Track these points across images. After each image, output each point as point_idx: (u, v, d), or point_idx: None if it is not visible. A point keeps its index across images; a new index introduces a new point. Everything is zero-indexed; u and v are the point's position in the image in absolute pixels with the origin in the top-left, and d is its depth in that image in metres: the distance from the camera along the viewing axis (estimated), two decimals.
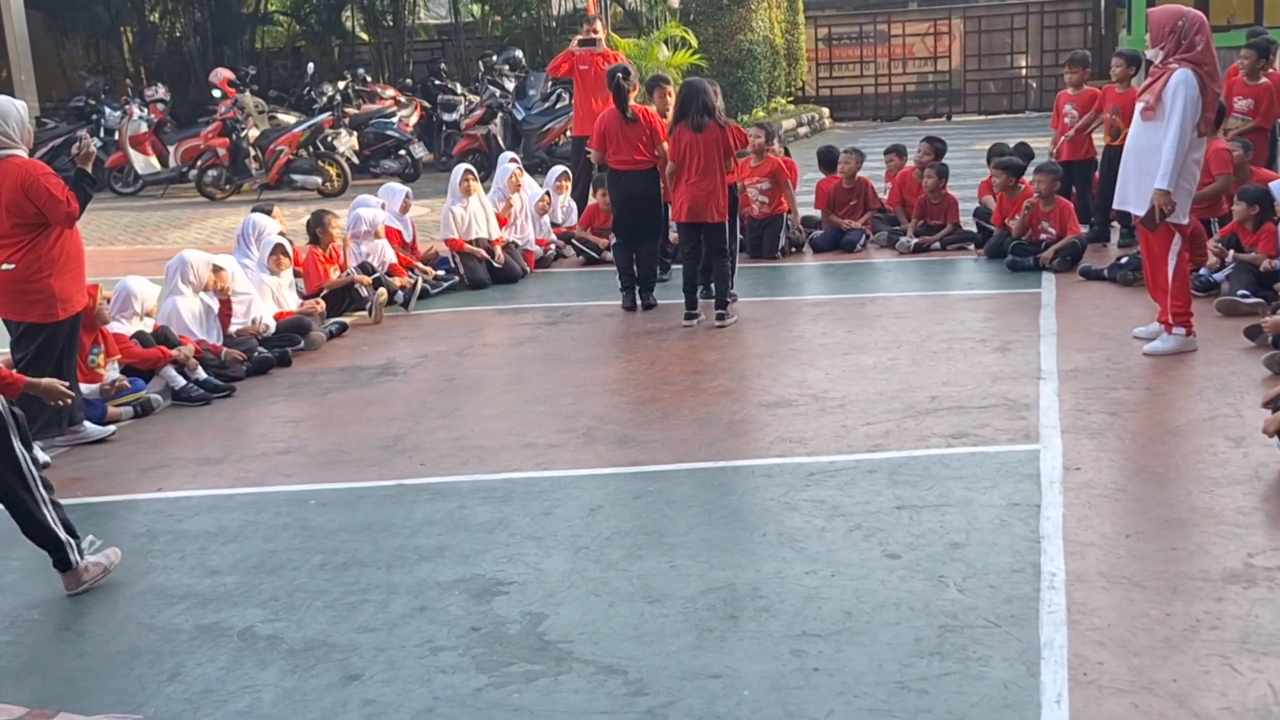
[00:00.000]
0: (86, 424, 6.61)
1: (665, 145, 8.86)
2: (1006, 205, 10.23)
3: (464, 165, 11.18)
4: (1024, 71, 26.44)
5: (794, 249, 11.08)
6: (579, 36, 12.86)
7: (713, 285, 8.91)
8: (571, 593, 4.47)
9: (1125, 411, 6.14)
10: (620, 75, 9.20)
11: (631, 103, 9.15)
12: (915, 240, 10.84)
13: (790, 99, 25.17)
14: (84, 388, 6.75)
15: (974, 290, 9.31)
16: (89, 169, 6.39)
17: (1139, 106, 6.93)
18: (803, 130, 23.02)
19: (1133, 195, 7.03)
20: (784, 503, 5.23)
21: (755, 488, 5.43)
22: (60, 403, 5.13)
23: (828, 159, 11.80)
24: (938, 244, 10.80)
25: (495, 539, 5.04)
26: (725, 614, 4.22)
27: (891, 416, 6.27)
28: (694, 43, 19.17)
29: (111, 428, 6.73)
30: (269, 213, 9.53)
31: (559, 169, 12.24)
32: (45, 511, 4.59)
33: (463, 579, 4.65)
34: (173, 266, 7.99)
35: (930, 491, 5.21)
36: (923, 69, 26.47)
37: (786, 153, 12.00)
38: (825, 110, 25.64)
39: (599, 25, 13.10)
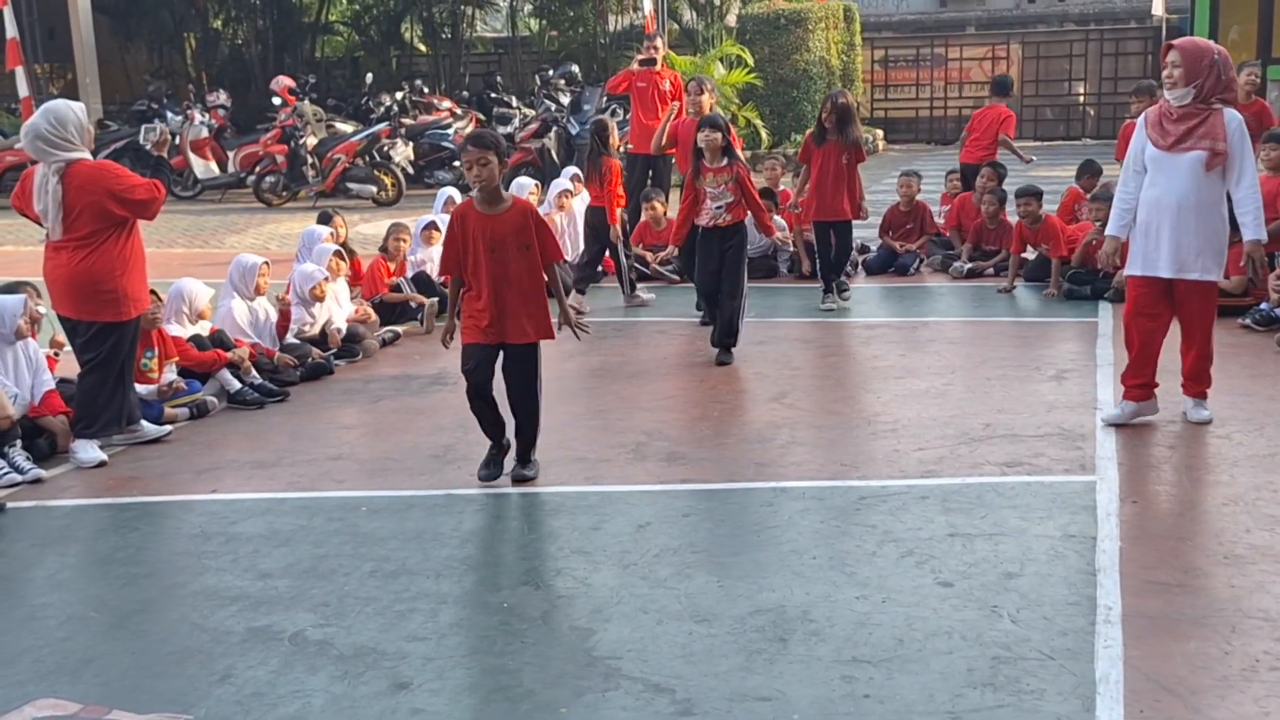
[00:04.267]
0: (144, 423, 6.67)
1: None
2: (1027, 234, 10.20)
3: (530, 180, 11.20)
4: (1082, 98, 26.23)
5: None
6: (640, 56, 12.89)
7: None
8: (620, 609, 4.46)
9: (1182, 445, 6.06)
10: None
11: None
12: (969, 265, 10.77)
13: None
14: (141, 388, 6.82)
15: (1029, 318, 9.23)
16: (164, 154, 6.55)
17: (1197, 156, 6.01)
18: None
19: (1196, 258, 6.12)
20: (834, 526, 5.20)
21: (805, 510, 5.40)
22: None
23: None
24: (991, 270, 10.71)
25: (544, 552, 5.04)
26: (774, 636, 4.19)
27: (945, 442, 6.22)
28: (750, 61, 19.17)
29: (168, 428, 6.80)
30: (331, 219, 9.63)
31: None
32: None
33: (511, 591, 4.65)
34: (231, 270, 8.09)
35: (984, 520, 5.16)
36: (979, 93, 26.24)
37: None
38: (879, 132, 25.55)
39: (659, 43, 13.12)
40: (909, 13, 28.66)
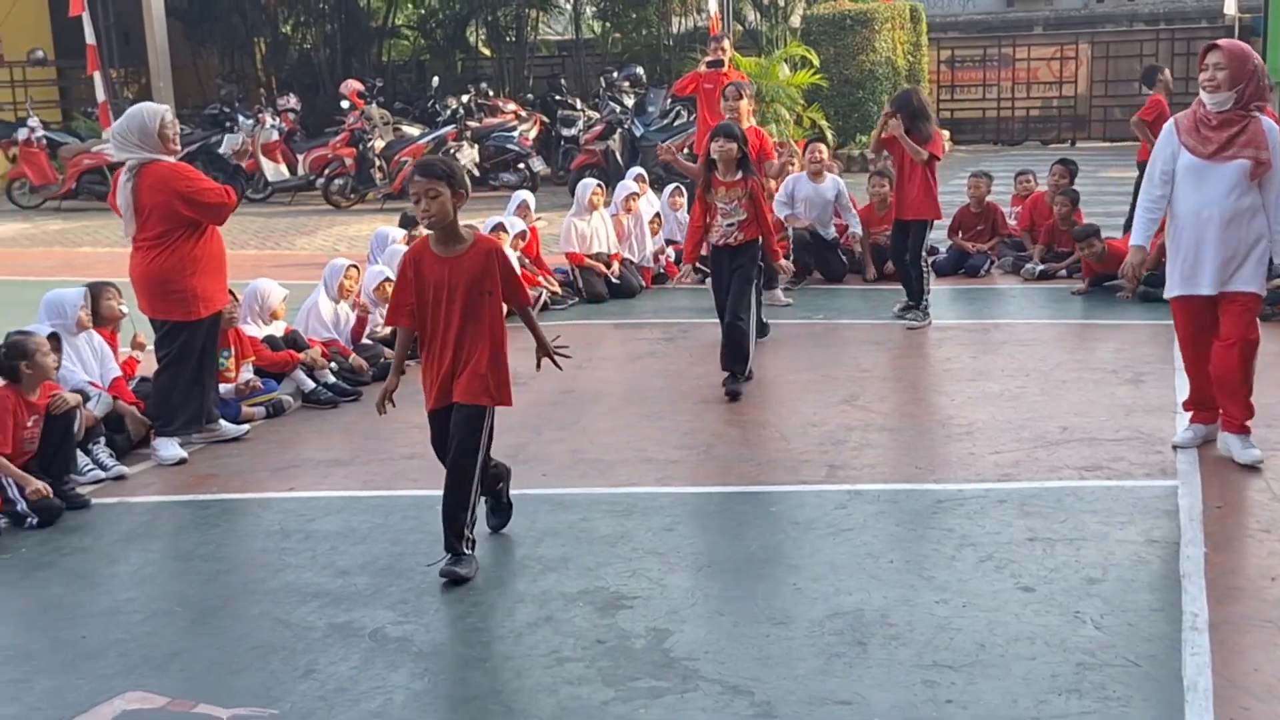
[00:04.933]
0: (223, 423, 6.76)
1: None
2: (1060, 234, 10.12)
3: (594, 181, 11.23)
4: None
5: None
6: (707, 58, 12.89)
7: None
8: (695, 610, 4.45)
9: (1267, 449, 5.94)
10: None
11: (751, 122, 9.09)
12: (1041, 267, 10.65)
13: None
14: (220, 387, 6.90)
15: (1103, 320, 9.11)
16: (242, 163, 6.63)
17: (1240, 165, 5.63)
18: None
19: (1240, 270, 5.72)
20: (910, 529, 5.16)
21: (880, 513, 5.36)
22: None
23: None
24: (1064, 271, 10.58)
25: (617, 553, 5.04)
26: (853, 640, 4.16)
27: (1021, 446, 6.15)
28: (816, 62, 19.09)
29: (245, 427, 6.88)
30: (413, 224, 9.70)
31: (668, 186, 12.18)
32: None
33: (586, 591, 4.66)
34: (326, 271, 8.27)
35: (1064, 524, 5.10)
36: (1047, 93, 26.00)
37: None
38: (946, 133, 25.32)
39: (726, 44, 13.10)
40: (976, 13, 28.39)
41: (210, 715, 3.78)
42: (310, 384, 7.47)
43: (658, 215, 11.73)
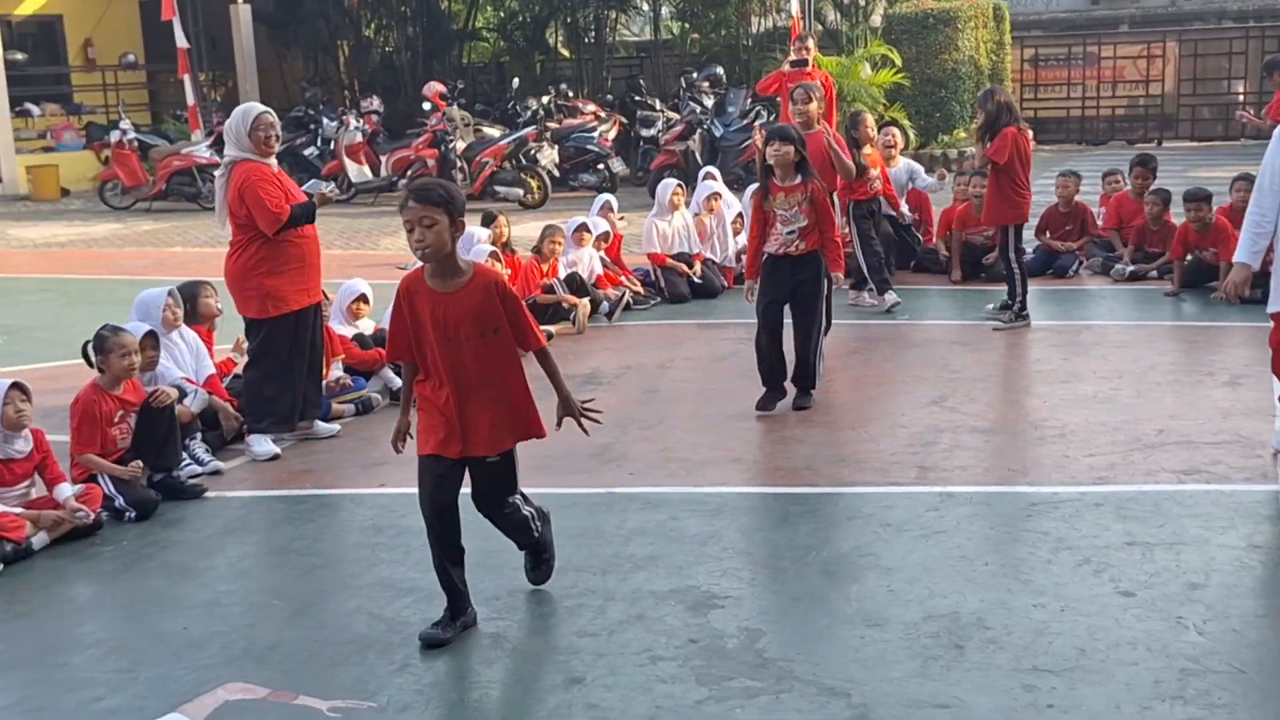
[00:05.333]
0: (317, 422, 6.83)
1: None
2: (1193, 238, 9.85)
3: (674, 181, 11.22)
4: (1242, 97, 25.28)
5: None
6: (791, 57, 12.83)
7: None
8: (787, 611, 4.44)
9: None
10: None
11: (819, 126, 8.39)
12: (1131, 268, 10.46)
13: None
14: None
15: (1198, 322, 8.93)
16: (316, 205, 6.54)
17: None
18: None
19: None
20: (1005, 532, 5.09)
21: (973, 515, 5.30)
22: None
23: None
24: (1155, 273, 10.38)
25: (708, 552, 5.03)
26: (949, 643, 4.12)
27: (1116, 448, 6.04)
28: (898, 61, 18.93)
29: (337, 426, 6.95)
30: (494, 219, 9.79)
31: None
32: None
33: (677, 590, 4.66)
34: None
35: (1162, 529, 5.00)
36: (1133, 92, 25.55)
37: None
38: (1029, 132, 25.02)
39: (810, 43, 13.04)
40: (1060, 11, 27.96)
41: (310, 706, 3.83)
42: (398, 381, 7.54)
43: (740, 215, 11.69)
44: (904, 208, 11.08)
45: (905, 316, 9.42)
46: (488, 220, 9.95)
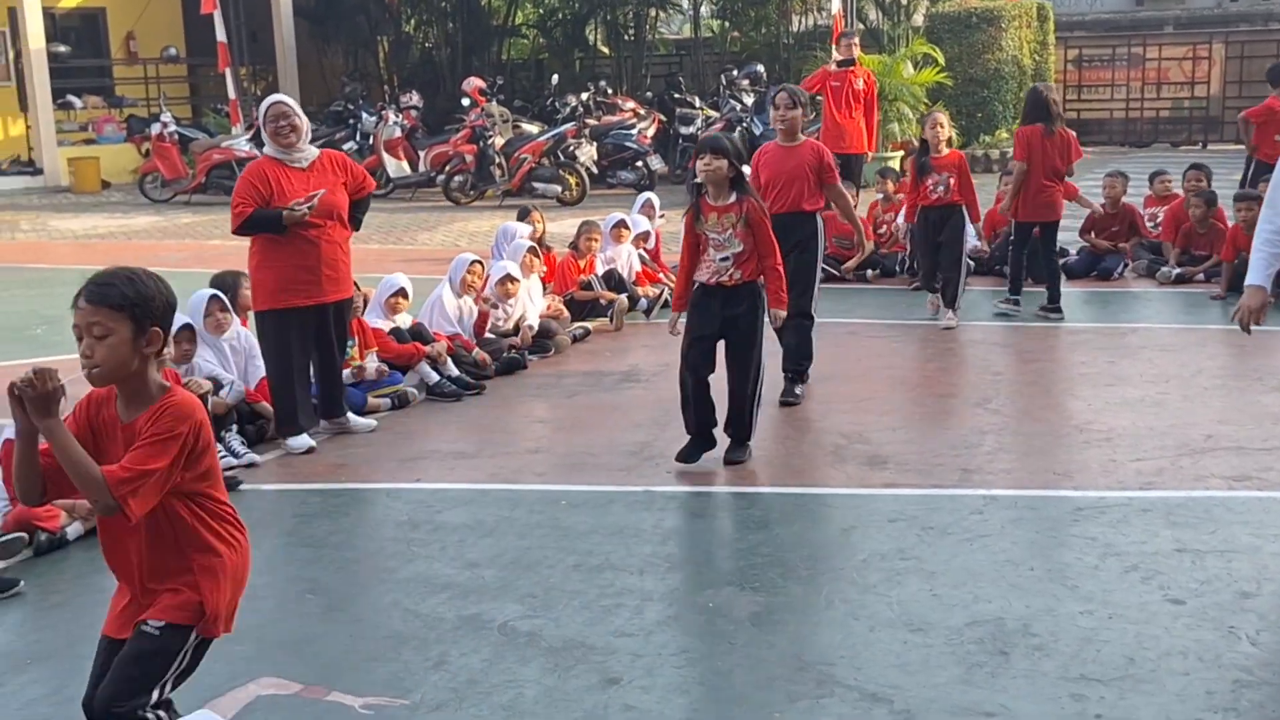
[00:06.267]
0: (352, 417, 6.77)
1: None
2: (1243, 239, 9.64)
3: None
4: None
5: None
6: (837, 56, 12.76)
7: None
8: (829, 614, 4.35)
9: None
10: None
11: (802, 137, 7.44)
12: (1178, 270, 10.29)
13: None
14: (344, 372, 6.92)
15: None
16: (282, 220, 6.22)
17: None
18: None
19: None
20: (1051, 537, 4.99)
21: (1018, 519, 5.20)
22: None
23: None
24: (1202, 275, 10.22)
25: (747, 553, 4.96)
26: (995, 649, 4.02)
27: (1164, 453, 5.92)
28: (940, 60, 18.76)
29: (374, 421, 6.87)
30: (529, 214, 9.75)
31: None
32: None
33: (716, 591, 4.58)
34: (451, 265, 8.31)
35: (1213, 535, 4.88)
36: (1178, 94, 25.25)
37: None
38: (1072, 134, 24.76)
39: (855, 41, 12.96)
40: (1104, 11, 27.67)
41: (343, 703, 3.78)
42: (434, 377, 7.50)
43: None
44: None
45: (945, 317, 9.29)
46: (523, 215, 9.91)
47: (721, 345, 6.06)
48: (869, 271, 10.83)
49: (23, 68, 20.81)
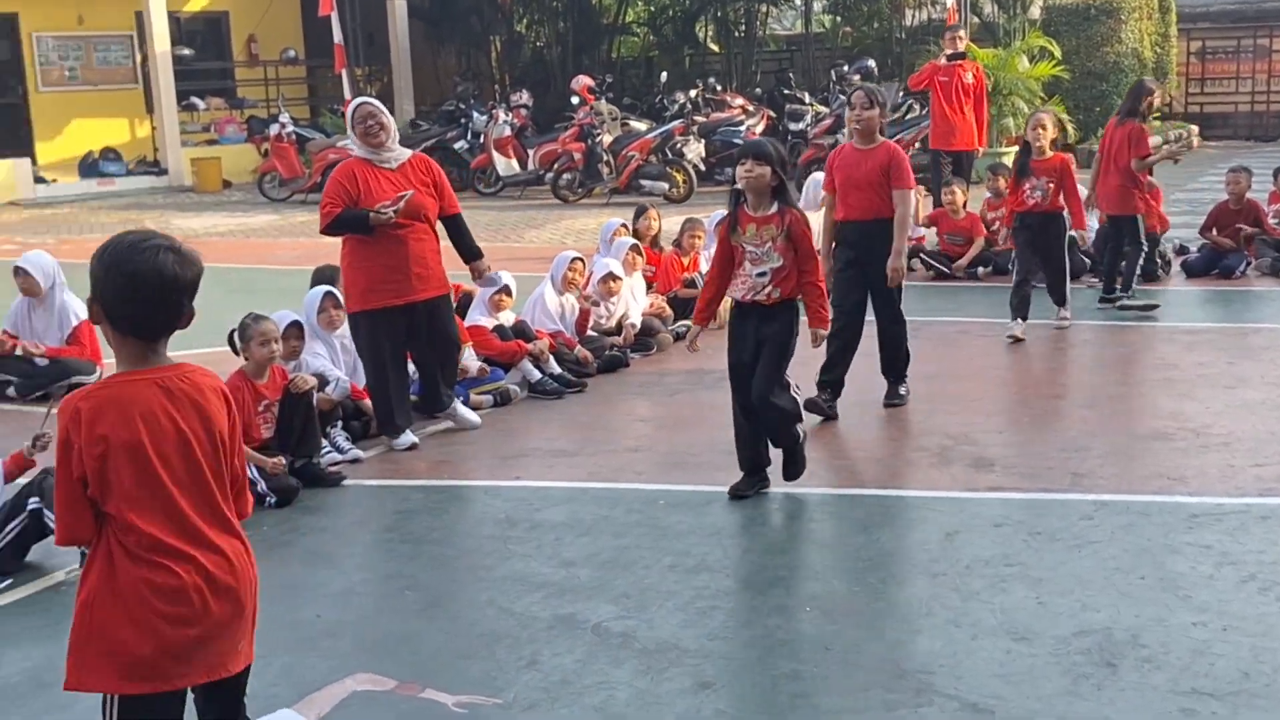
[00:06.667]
0: (459, 407, 6.77)
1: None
2: None
3: (823, 175, 10.98)
4: None
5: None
6: (947, 50, 12.54)
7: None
8: (929, 620, 4.25)
9: None
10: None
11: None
12: None
13: (1157, 115, 23.71)
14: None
15: None
16: (369, 222, 6.25)
17: None
18: (1167, 148, 21.66)
19: None
20: (1164, 544, 4.81)
21: (1129, 525, 5.03)
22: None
23: None
24: None
25: (845, 555, 4.89)
26: (1102, 660, 3.89)
27: None
28: (1057, 54, 18.34)
29: (478, 419, 6.89)
30: (645, 213, 9.72)
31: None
32: None
33: (814, 594, 4.52)
34: (554, 263, 8.33)
35: None
36: None
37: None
38: (1194, 128, 24.00)
39: (963, 34, 12.71)
40: (1228, 2, 26.76)
41: (436, 700, 3.80)
42: (537, 374, 7.53)
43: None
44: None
45: (1053, 316, 9.05)
46: (639, 213, 9.89)
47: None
48: (980, 269, 10.62)
49: (149, 71, 21.42)
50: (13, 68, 21.74)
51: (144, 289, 2.62)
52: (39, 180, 20.61)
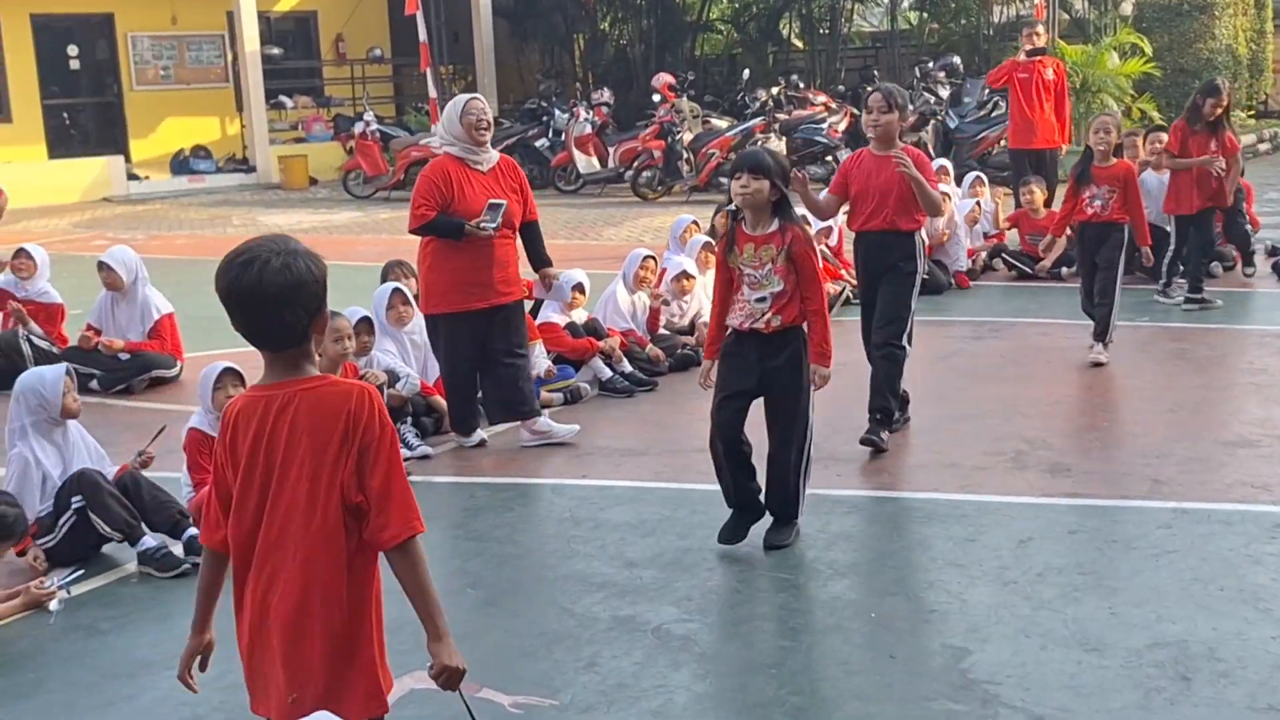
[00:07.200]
0: (547, 421, 6.58)
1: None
2: None
3: None
4: None
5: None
6: (1026, 47, 12.29)
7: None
8: (998, 629, 4.15)
9: None
10: None
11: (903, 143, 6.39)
12: None
13: (1251, 113, 23.11)
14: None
15: None
16: (463, 231, 6.17)
17: None
18: (1263, 147, 21.11)
19: None
20: (1245, 555, 4.66)
21: (1210, 535, 4.88)
22: None
23: None
24: None
25: (916, 562, 4.80)
26: (1176, 674, 3.77)
27: None
28: (1148, 50, 17.95)
29: (576, 427, 6.64)
30: (721, 210, 9.68)
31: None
32: None
33: (880, 601, 4.44)
34: (625, 261, 8.31)
35: None
36: None
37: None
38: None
39: (1040, 30, 12.46)
40: None
41: (493, 700, 3.78)
42: (607, 373, 7.51)
43: (978, 205, 11.23)
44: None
45: (1144, 319, 8.86)
46: (719, 210, 9.84)
47: (760, 404, 5.06)
48: (1063, 270, 10.40)
49: (239, 70, 21.79)
50: (109, 67, 22.25)
51: (229, 304, 2.61)
52: (132, 177, 21.08)
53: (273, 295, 2.56)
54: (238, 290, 2.58)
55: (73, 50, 21.78)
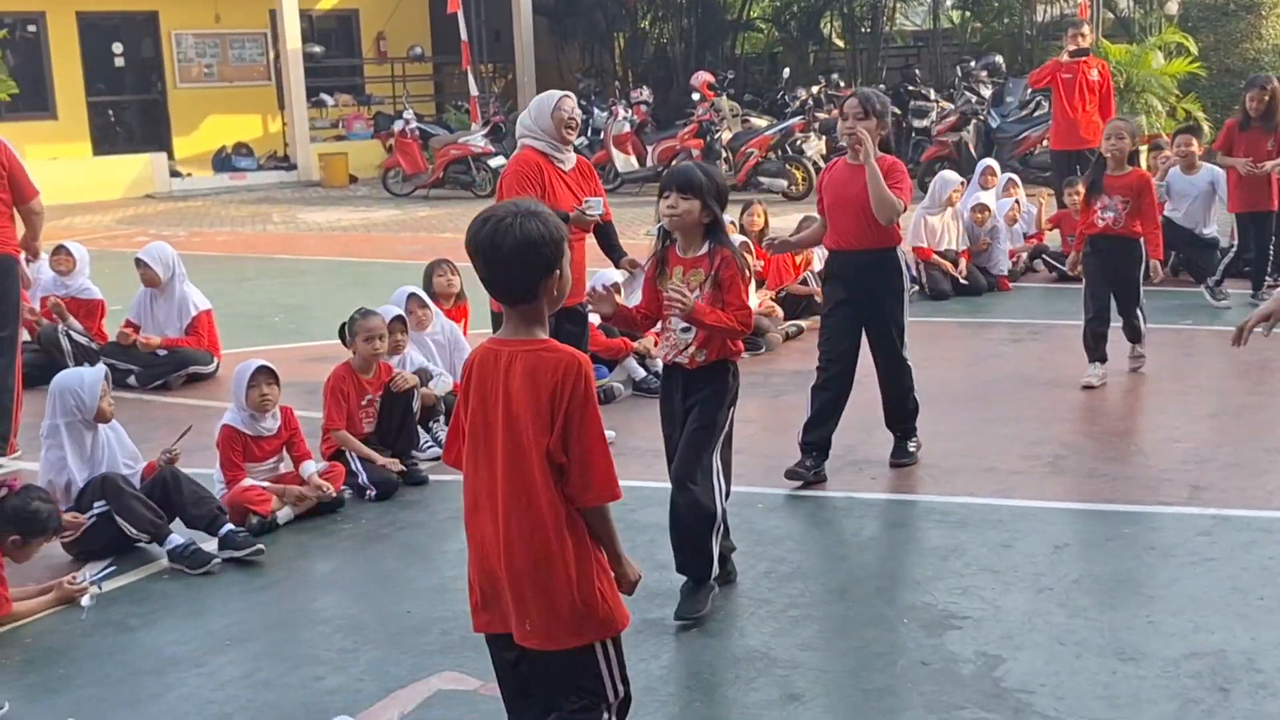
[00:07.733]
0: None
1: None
2: None
3: (958, 178, 10.71)
4: None
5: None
6: (1069, 47, 12.15)
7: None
8: (1032, 637, 4.10)
9: None
10: None
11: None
12: None
13: None
14: None
15: None
16: (582, 217, 5.95)
17: None
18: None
19: None
20: None
21: (1251, 543, 4.79)
22: None
23: None
24: None
25: (948, 567, 4.73)
26: (1214, 685, 3.70)
27: None
28: (1193, 50, 17.72)
29: (611, 433, 6.72)
30: (749, 208, 9.65)
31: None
32: None
33: (912, 606, 4.38)
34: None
35: None
36: None
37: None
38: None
39: (1086, 30, 12.31)
40: None
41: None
42: (641, 373, 7.49)
43: (1017, 203, 11.12)
44: (1210, 228, 10.25)
45: (1187, 321, 8.74)
46: (744, 209, 9.80)
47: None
48: None
49: (281, 68, 21.93)
50: (153, 65, 22.45)
51: (472, 256, 2.90)
52: (174, 174, 21.26)
53: (505, 251, 2.83)
54: (476, 244, 2.87)
55: (118, 48, 21.99)
